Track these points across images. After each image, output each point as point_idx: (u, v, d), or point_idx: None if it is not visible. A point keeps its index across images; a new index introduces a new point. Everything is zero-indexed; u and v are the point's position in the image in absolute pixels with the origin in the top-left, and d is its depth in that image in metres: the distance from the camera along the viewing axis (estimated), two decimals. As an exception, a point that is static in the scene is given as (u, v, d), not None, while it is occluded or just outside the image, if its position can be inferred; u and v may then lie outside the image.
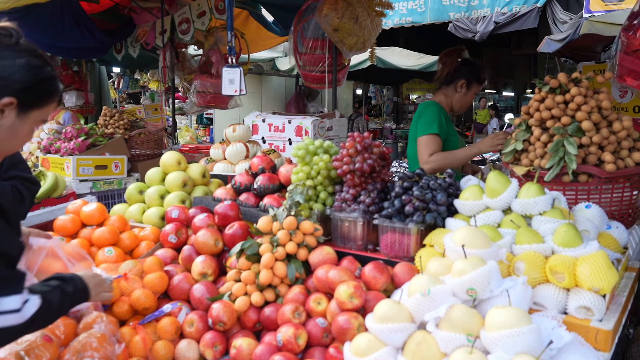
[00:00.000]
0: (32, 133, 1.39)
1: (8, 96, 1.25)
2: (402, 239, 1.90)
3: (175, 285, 2.04)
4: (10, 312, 1.23)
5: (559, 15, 9.34)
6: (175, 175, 2.63)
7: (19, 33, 1.29)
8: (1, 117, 1.27)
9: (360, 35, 3.95)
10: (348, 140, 2.06)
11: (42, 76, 1.31)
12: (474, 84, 3.21)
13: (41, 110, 1.35)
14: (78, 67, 6.77)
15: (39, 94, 1.32)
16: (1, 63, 1.25)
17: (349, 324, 1.62)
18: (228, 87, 3.20)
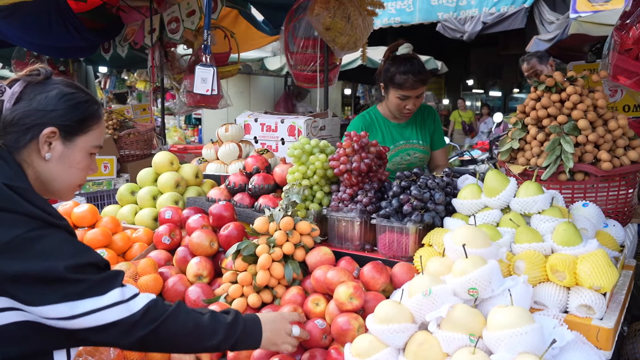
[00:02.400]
0: (88, 162, 1.42)
1: (48, 127, 1.31)
2: (400, 238, 1.89)
3: (170, 288, 2.01)
4: (115, 305, 1.23)
5: (546, 15, 9.42)
6: (168, 175, 2.60)
7: (47, 70, 1.37)
8: (49, 149, 1.34)
9: (352, 34, 3.93)
10: (345, 140, 2.04)
11: (75, 101, 1.37)
12: (390, 87, 2.82)
13: (87, 135, 1.40)
14: (65, 67, 6.68)
15: (77, 119, 1.37)
16: (36, 99, 1.32)
17: (349, 325, 1.60)
18: (200, 85, 3.15)
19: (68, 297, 1.19)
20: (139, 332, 1.28)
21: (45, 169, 1.36)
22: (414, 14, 10.54)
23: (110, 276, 1.28)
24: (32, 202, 1.22)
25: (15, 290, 1.15)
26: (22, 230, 1.17)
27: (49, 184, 1.38)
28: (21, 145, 1.32)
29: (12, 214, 1.18)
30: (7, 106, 1.32)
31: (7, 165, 1.27)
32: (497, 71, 19.20)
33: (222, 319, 1.41)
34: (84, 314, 1.20)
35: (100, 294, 1.23)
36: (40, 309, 1.17)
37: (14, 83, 1.35)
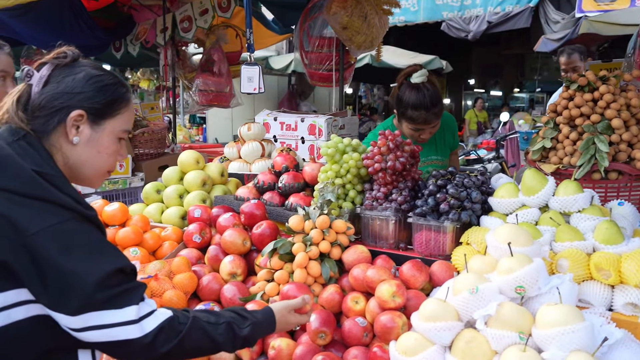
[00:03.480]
0: (117, 146, 1.38)
1: (76, 109, 1.27)
2: (437, 237, 1.89)
3: (205, 286, 2.01)
4: (127, 324, 1.17)
5: (551, 15, 9.43)
6: (195, 174, 2.60)
7: (75, 52, 1.33)
8: (77, 133, 1.29)
9: (369, 33, 3.93)
10: (379, 139, 2.05)
11: (103, 84, 1.32)
12: (403, 119, 2.62)
13: (115, 119, 1.35)
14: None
15: (105, 101, 1.32)
16: (64, 81, 1.28)
17: (394, 323, 1.61)
18: (247, 85, 3.18)
19: (84, 309, 1.14)
20: (155, 353, 1.22)
21: (73, 154, 1.31)
22: (419, 13, 10.53)
23: (131, 289, 1.22)
24: (62, 190, 1.19)
25: (37, 286, 1.12)
26: (52, 221, 1.13)
27: (78, 169, 1.33)
28: (49, 130, 1.28)
29: (42, 202, 1.14)
30: (36, 90, 1.28)
31: (35, 151, 1.23)
32: (498, 70, 19.24)
33: (237, 331, 1.36)
34: (93, 327, 1.15)
35: (117, 307, 1.17)
36: (54, 314, 1.14)
37: (41, 66, 1.30)
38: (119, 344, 1.17)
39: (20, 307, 1.12)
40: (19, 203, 1.12)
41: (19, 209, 1.12)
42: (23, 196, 1.13)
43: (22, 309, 1.12)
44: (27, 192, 1.14)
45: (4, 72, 2.26)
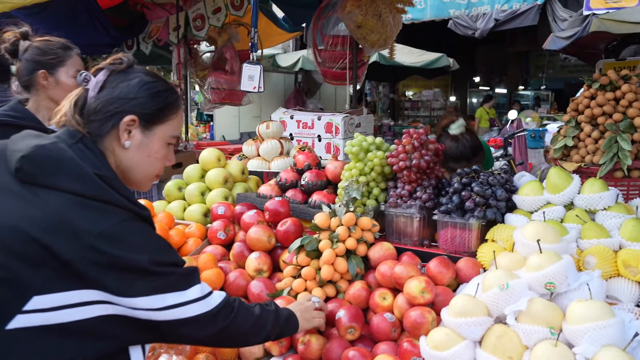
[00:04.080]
0: (166, 151, 1.42)
1: (129, 114, 1.32)
2: (462, 234, 1.92)
3: (232, 282, 2.04)
4: (196, 300, 1.29)
5: (559, 12, 9.42)
6: (217, 172, 2.63)
7: (130, 59, 1.38)
8: (129, 137, 1.34)
9: (383, 32, 3.96)
10: (404, 137, 2.07)
11: (156, 90, 1.37)
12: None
13: (165, 125, 1.39)
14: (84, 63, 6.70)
15: (157, 107, 1.37)
16: (119, 86, 1.33)
17: (424, 319, 1.64)
18: (247, 83, 3.20)
19: (155, 290, 1.22)
20: (214, 327, 1.34)
21: (125, 158, 1.35)
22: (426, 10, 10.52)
23: (191, 272, 1.34)
24: (119, 191, 1.24)
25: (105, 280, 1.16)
26: (113, 221, 1.19)
27: (128, 173, 1.38)
28: (104, 133, 1.32)
29: (103, 203, 1.19)
30: (92, 94, 1.33)
31: (92, 154, 1.28)
32: (502, 68, 19.23)
33: (268, 312, 1.53)
34: (170, 307, 1.25)
35: (184, 288, 1.28)
36: (130, 299, 1.19)
37: (98, 72, 1.35)
38: (191, 320, 1.28)
39: (87, 306, 1.16)
40: (83, 205, 1.17)
41: (83, 211, 1.16)
42: (86, 198, 1.18)
43: (89, 308, 1.16)
44: (90, 194, 1.18)
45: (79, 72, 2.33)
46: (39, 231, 1.12)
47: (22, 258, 1.11)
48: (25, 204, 1.15)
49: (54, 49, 2.34)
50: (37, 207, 1.15)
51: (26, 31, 2.34)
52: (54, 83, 2.34)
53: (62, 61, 2.34)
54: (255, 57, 3.20)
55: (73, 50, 2.41)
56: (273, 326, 1.52)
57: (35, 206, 1.15)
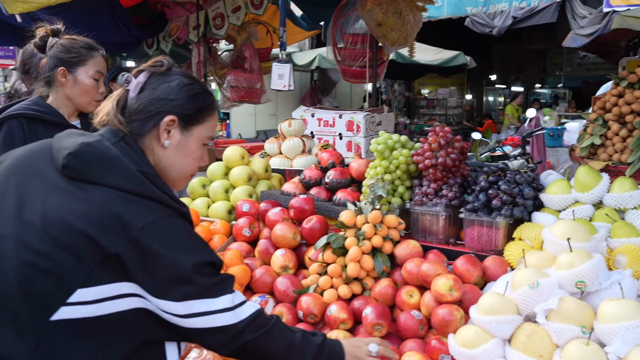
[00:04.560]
0: (202, 151, 1.45)
1: (169, 115, 1.35)
2: (489, 232, 1.92)
3: (258, 278, 2.06)
4: (224, 310, 1.27)
5: (578, 9, 9.30)
6: (241, 169, 2.65)
7: (170, 62, 1.41)
8: (168, 137, 1.37)
9: (403, 30, 3.95)
10: (430, 135, 2.07)
11: (194, 92, 1.40)
12: None
13: (202, 126, 1.42)
14: (104, 61, 6.78)
15: (195, 109, 1.39)
16: (159, 88, 1.36)
17: (452, 316, 1.64)
18: (277, 82, 3.23)
19: (186, 296, 1.22)
20: (241, 340, 1.31)
21: (163, 157, 1.39)
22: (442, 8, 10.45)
23: (224, 280, 1.32)
24: (161, 188, 1.27)
25: (143, 276, 1.18)
26: (155, 216, 1.21)
27: (166, 171, 1.41)
28: (144, 132, 1.35)
29: (147, 199, 1.22)
30: (132, 95, 1.36)
31: (134, 152, 1.31)
32: (519, 66, 19.06)
33: (312, 342, 1.43)
34: (196, 315, 1.24)
35: (213, 296, 1.27)
36: (159, 301, 1.21)
37: (139, 73, 1.38)
38: (216, 330, 1.26)
39: (123, 299, 1.18)
40: (127, 200, 1.19)
41: (128, 206, 1.19)
42: (130, 194, 1.20)
43: (124, 300, 1.18)
44: (135, 190, 1.21)
45: (100, 73, 2.37)
46: (86, 225, 1.14)
47: (68, 251, 1.13)
48: (72, 199, 1.18)
49: (77, 48, 2.35)
50: (84, 202, 1.17)
51: (57, 29, 2.36)
52: (72, 81, 2.35)
53: (84, 60, 2.35)
54: (284, 56, 3.22)
55: (97, 50, 2.42)
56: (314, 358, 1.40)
57: (81, 201, 1.18)
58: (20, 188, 1.23)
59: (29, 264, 1.13)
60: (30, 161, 1.29)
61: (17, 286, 1.12)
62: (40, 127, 2.31)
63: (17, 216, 1.18)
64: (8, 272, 1.13)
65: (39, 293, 1.12)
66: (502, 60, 18.78)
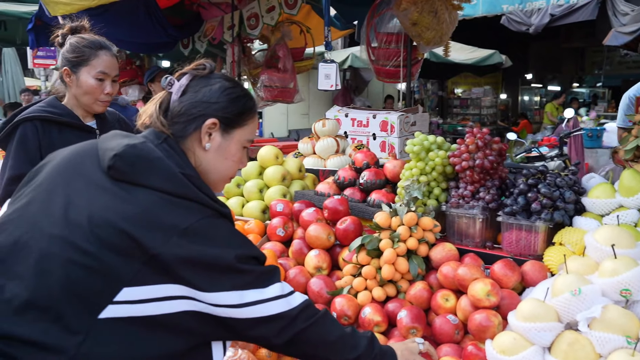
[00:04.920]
0: (241, 154, 1.47)
1: (211, 117, 1.37)
2: (528, 236, 1.87)
3: (292, 279, 2.07)
4: (276, 298, 1.29)
5: (619, 6, 9.02)
6: (275, 169, 2.66)
7: (212, 65, 1.43)
8: (209, 140, 1.39)
9: (439, 29, 3.90)
10: (467, 136, 2.04)
11: (235, 95, 1.42)
12: None
13: (243, 129, 1.44)
14: (140, 61, 6.91)
15: (236, 112, 1.42)
16: (201, 91, 1.38)
17: (489, 322, 1.61)
18: (324, 82, 3.24)
19: (236, 286, 1.24)
20: (295, 328, 1.31)
21: (204, 159, 1.41)
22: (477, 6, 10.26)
23: (271, 270, 1.34)
24: (202, 190, 1.29)
25: (189, 275, 1.19)
26: (197, 217, 1.23)
27: (206, 174, 1.43)
28: (186, 135, 1.38)
29: (189, 201, 1.24)
30: (174, 98, 1.39)
31: (176, 154, 1.33)
32: (556, 65, 18.63)
33: (362, 334, 1.44)
34: (250, 304, 1.25)
35: (264, 286, 1.28)
36: (211, 295, 1.21)
37: (181, 76, 1.41)
38: (271, 319, 1.28)
39: (171, 301, 1.19)
40: (170, 202, 1.22)
41: (170, 207, 1.21)
42: (173, 195, 1.22)
43: (173, 302, 1.20)
44: (177, 191, 1.23)
45: (104, 73, 2.31)
46: (130, 225, 1.16)
47: (114, 251, 1.16)
48: (117, 200, 1.20)
49: (81, 47, 2.28)
50: (128, 203, 1.20)
51: (77, 26, 2.34)
52: (75, 81, 2.31)
53: (86, 60, 2.28)
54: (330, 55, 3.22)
55: (104, 49, 2.32)
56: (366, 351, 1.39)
57: (126, 202, 1.20)
58: (67, 188, 1.26)
59: (76, 264, 1.16)
60: (76, 162, 1.32)
61: (65, 285, 1.15)
62: (54, 129, 2.31)
63: (64, 216, 1.21)
64: (55, 271, 1.16)
65: (86, 291, 1.15)
66: (539, 58, 18.37)
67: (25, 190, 1.34)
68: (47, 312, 1.13)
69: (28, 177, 1.39)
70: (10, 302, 1.14)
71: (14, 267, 1.18)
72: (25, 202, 1.30)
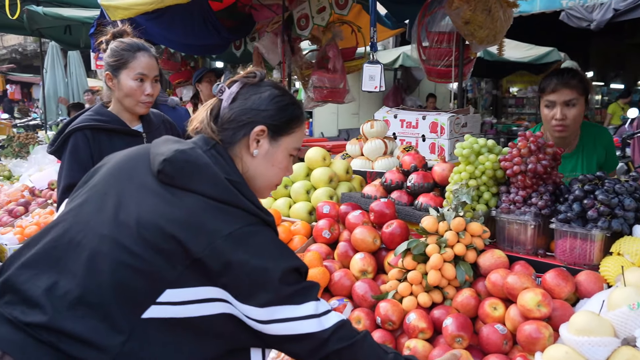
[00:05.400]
0: (288, 162, 1.49)
1: (259, 125, 1.39)
2: (583, 245, 1.79)
3: (336, 281, 2.07)
4: (308, 317, 1.26)
5: (689, -1, 8.51)
6: (322, 171, 2.67)
7: (262, 73, 1.46)
8: (257, 146, 1.42)
9: (492, 27, 3.80)
10: (519, 140, 1.97)
11: (283, 103, 1.44)
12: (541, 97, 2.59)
13: (290, 137, 1.46)
14: (195, 63, 7.09)
15: (284, 120, 1.44)
16: (251, 98, 1.41)
17: (540, 334, 1.55)
18: (368, 83, 3.22)
19: (270, 302, 1.23)
20: (326, 350, 1.28)
21: (251, 165, 1.43)
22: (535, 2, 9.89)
23: (308, 287, 1.32)
24: (247, 197, 1.30)
25: (228, 281, 1.21)
26: (241, 224, 1.25)
27: (253, 180, 1.45)
28: (235, 141, 1.41)
29: (233, 207, 1.26)
30: (225, 105, 1.42)
31: (224, 161, 1.36)
32: (619, 62, 17.77)
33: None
34: (280, 320, 1.24)
35: (297, 303, 1.26)
36: (244, 306, 1.22)
37: (232, 84, 1.44)
38: (299, 338, 1.26)
39: (210, 303, 1.22)
40: (215, 207, 1.24)
41: (214, 213, 1.24)
42: (218, 201, 1.25)
43: (212, 305, 1.22)
44: (222, 197, 1.26)
45: (142, 75, 2.36)
46: (175, 229, 1.20)
47: (159, 252, 1.19)
48: (165, 203, 1.24)
49: (119, 51, 2.34)
50: (175, 207, 1.23)
51: (119, 32, 2.40)
52: (117, 84, 2.37)
53: (125, 63, 2.33)
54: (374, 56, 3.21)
55: (142, 51, 2.36)
56: None
57: (173, 206, 1.23)
58: (119, 190, 1.31)
59: (123, 264, 1.20)
60: (129, 165, 1.36)
61: (112, 284, 1.19)
62: (103, 136, 2.39)
63: (114, 217, 1.25)
64: (104, 269, 1.20)
65: (131, 291, 1.19)
66: (600, 56, 17.58)
67: (81, 191, 1.41)
68: (96, 310, 1.18)
69: (85, 178, 1.46)
70: (64, 298, 1.19)
71: (68, 265, 1.24)
72: (80, 202, 1.36)
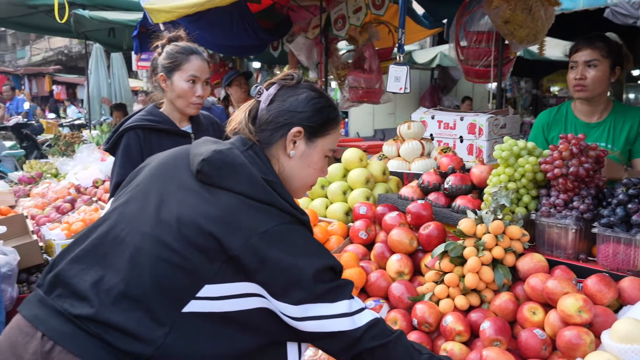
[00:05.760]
0: (323, 163, 1.52)
1: (296, 126, 1.42)
2: (627, 250, 1.75)
3: (373, 282, 2.08)
4: (341, 316, 1.28)
5: None
6: (359, 172, 2.68)
7: (299, 75, 1.49)
8: (294, 147, 1.45)
9: (533, 26, 3.72)
10: (560, 142, 1.94)
11: (320, 105, 1.47)
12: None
13: (325, 138, 1.49)
14: (232, 63, 7.20)
15: (321, 121, 1.47)
16: (288, 100, 1.44)
17: (580, 340, 1.53)
18: (393, 84, 3.20)
19: (303, 300, 1.26)
20: (358, 348, 1.30)
21: (287, 166, 1.47)
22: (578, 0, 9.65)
23: (342, 285, 1.34)
24: (283, 196, 1.33)
25: (264, 277, 1.24)
26: (276, 222, 1.28)
27: (288, 180, 1.48)
28: (272, 142, 1.45)
29: (269, 206, 1.29)
30: (263, 106, 1.46)
31: (261, 161, 1.40)
32: (667, 60, 17.07)
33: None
34: (313, 318, 1.27)
35: (331, 301, 1.29)
36: (278, 302, 1.26)
37: (270, 86, 1.48)
38: (331, 335, 1.29)
39: (247, 298, 1.26)
40: (251, 206, 1.28)
41: (251, 211, 1.28)
42: (254, 200, 1.29)
43: (248, 300, 1.26)
44: (258, 196, 1.29)
45: (194, 76, 2.48)
46: (213, 227, 1.24)
47: (198, 249, 1.24)
48: (204, 202, 1.29)
49: (174, 54, 2.45)
50: (213, 205, 1.28)
51: (174, 36, 2.51)
52: (170, 86, 2.48)
53: (179, 65, 2.45)
54: (401, 58, 3.20)
55: (194, 54, 2.48)
56: None
57: (211, 204, 1.28)
58: (161, 189, 1.36)
59: (164, 260, 1.24)
60: (171, 165, 1.42)
61: (153, 279, 1.24)
62: (154, 136, 2.50)
63: (156, 215, 1.30)
64: (146, 265, 1.25)
65: (171, 286, 1.23)
66: (648, 53, 16.95)
67: (126, 190, 1.47)
68: (139, 303, 1.23)
69: (129, 178, 1.52)
70: (109, 292, 1.25)
71: (113, 260, 1.29)
72: (125, 201, 1.41)
